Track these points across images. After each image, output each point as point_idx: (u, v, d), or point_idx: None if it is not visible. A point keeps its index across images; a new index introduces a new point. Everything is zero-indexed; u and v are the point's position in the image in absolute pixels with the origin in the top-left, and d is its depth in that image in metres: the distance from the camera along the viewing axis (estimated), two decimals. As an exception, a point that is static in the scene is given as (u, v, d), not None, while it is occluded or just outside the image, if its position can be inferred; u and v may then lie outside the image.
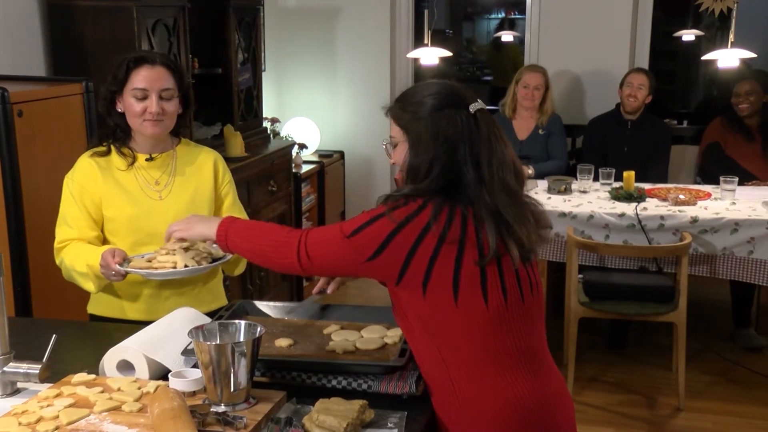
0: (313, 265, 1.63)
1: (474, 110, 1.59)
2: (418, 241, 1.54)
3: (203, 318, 1.94)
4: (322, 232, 1.64)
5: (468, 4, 8.00)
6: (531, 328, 1.62)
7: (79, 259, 2.08)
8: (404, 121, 1.63)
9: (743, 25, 4.40)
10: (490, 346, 1.56)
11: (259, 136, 4.50)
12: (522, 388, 1.57)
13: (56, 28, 3.30)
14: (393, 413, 1.55)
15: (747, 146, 4.40)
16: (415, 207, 1.55)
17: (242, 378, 1.51)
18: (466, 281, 1.54)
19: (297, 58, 5.41)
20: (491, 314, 1.56)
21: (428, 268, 1.54)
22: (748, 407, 3.49)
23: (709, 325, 4.35)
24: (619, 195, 3.88)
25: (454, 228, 1.54)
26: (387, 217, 1.55)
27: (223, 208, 2.29)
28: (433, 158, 1.57)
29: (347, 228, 1.59)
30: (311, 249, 1.62)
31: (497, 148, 1.59)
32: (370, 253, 1.56)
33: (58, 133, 2.77)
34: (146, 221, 2.16)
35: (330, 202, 5.15)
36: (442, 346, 1.57)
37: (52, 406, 1.52)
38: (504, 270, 1.57)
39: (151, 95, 2.10)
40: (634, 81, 4.44)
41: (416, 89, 1.67)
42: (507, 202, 1.57)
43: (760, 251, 3.55)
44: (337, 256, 1.61)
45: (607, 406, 3.53)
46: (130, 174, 2.18)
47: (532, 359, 1.61)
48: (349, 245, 1.58)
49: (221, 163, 2.31)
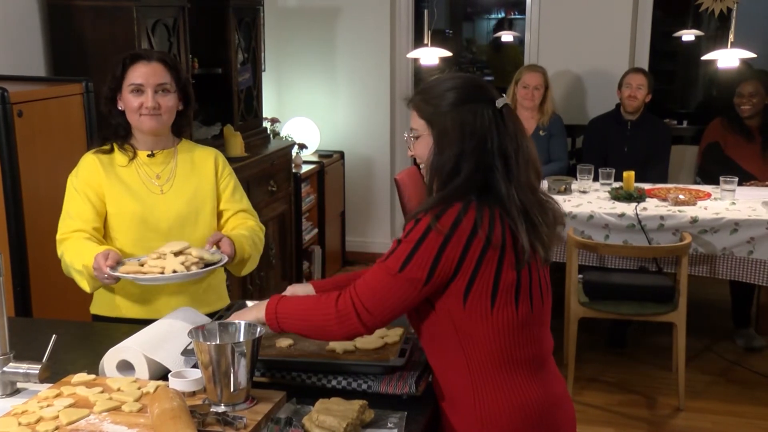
0: (376, 318, 1.54)
1: (500, 105, 1.55)
2: (466, 249, 1.48)
3: (203, 318, 1.94)
4: (370, 282, 1.55)
5: (468, 4, 8.00)
6: (543, 334, 1.61)
7: (76, 258, 2.08)
8: (427, 114, 1.58)
9: (743, 25, 4.39)
10: (512, 353, 1.55)
11: (259, 136, 4.50)
12: (531, 392, 1.57)
13: (56, 28, 3.30)
14: (393, 413, 1.55)
15: (747, 146, 4.40)
16: (456, 211, 1.49)
17: (242, 378, 1.51)
18: (504, 288, 1.51)
19: (297, 58, 5.41)
20: (519, 321, 1.53)
21: (472, 276, 1.49)
22: (748, 407, 3.49)
23: (708, 325, 4.35)
24: (619, 195, 3.88)
25: (497, 231, 1.49)
26: (434, 231, 1.48)
27: (224, 198, 2.30)
28: (460, 153, 1.52)
29: (393, 264, 1.52)
30: (368, 303, 1.54)
31: (523, 143, 1.55)
32: (425, 276, 1.49)
33: (58, 133, 2.77)
34: (149, 216, 2.17)
35: (330, 203, 5.15)
36: (471, 353, 1.55)
37: (51, 407, 1.52)
38: (532, 275, 1.54)
39: (146, 90, 2.13)
40: (632, 82, 4.44)
41: (439, 81, 1.61)
42: (533, 202, 1.53)
43: (760, 251, 3.55)
44: (395, 298, 1.52)
45: (607, 406, 3.53)
46: (132, 170, 2.20)
47: (542, 364, 1.61)
48: (403, 280, 1.51)
49: (221, 158, 2.33)
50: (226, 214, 2.30)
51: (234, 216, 2.30)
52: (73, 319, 2.38)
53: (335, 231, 5.34)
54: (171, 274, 1.93)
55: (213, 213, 2.27)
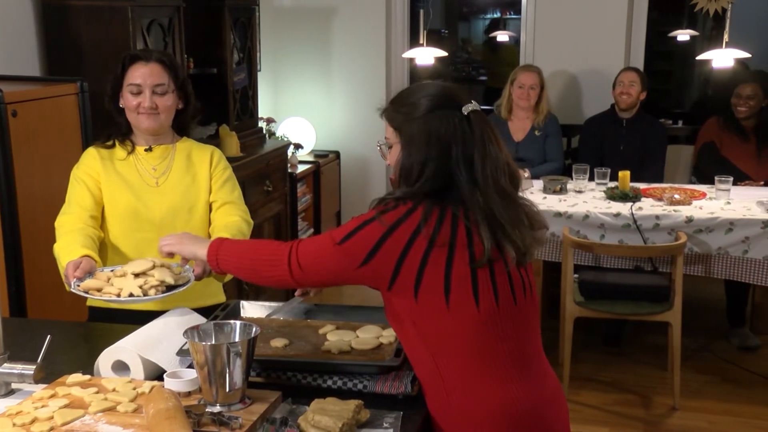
0: (305, 275, 1.61)
1: (467, 112, 1.58)
2: (408, 245, 1.52)
3: (198, 318, 1.93)
4: (313, 242, 1.62)
5: (463, 3, 8.01)
6: (524, 333, 1.61)
7: (62, 256, 2.07)
8: (398, 123, 1.63)
9: (738, 25, 4.41)
10: (482, 351, 1.55)
11: (255, 136, 4.49)
12: (513, 392, 1.56)
13: (51, 28, 3.29)
14: (388, 413, 1.55)
15: (742, 146, 4.41)
16: (405, 210, 1.54)
17: (237, 378, 1.51)
18: (457, 285, 1.53)
19: (292, 58, 5.41)
20: (483, 318, 1.54)
21: (419, 272, 1.53)
22: (744, 406, 3.50)
23: (704, 324, 4.36)
24: (615, 195, 3.89)
25: (444, 231, 1.53)
26: (377, 221, 1.54)
27: (213, 191, 2.30)
28: (426, 159, 1.56)
29: (337, 235, 1.58)
30: (302, 259, 1.60)
31: (490, 149, 1.58)
32: (362, 258, 1.54)
33: (52, 133, 2.76)
34: (143, 208, 2.21)
35: (325, 203, 5.15)
36: (435, 351, 1.56)
37: (46, 407, 1.52)
38: (496, 273, 1.56)
39: (144, 90, 2.19)
40: (624, 79, 4.48)
41: (410, 91, 1.67)
42: (501, 204, 1.56)
43: (755, 251, 3.56)
44: (329, 265, 1.59)
45: (602, 405, 3.53)
46: (130, 163, 2.25)
47: (525, 363, 1.60)
48: (341, 252, 1.56)
49: (217, 153, 2.36)
50: (213, 206, 2.31)
51: (220, 208, 2.29)
52: (68, 319, 2.38)
53: (331, 231, 5.33)
54: (126, 297, 1.87)
55: (206, 207, 2.29)
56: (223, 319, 1.84)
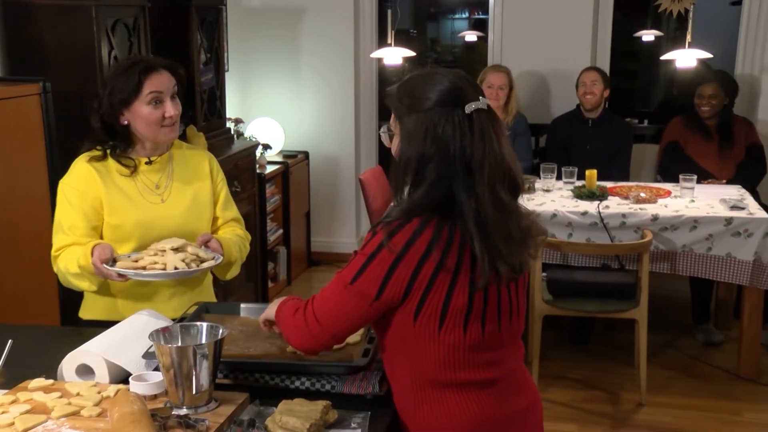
0: (324, 330, 1.53)
1: (470, 110, 1.49)
2: (417, 269, 1.46)
3: (164, 320, 1.92)
4: (326, 292, 1.55)
5: (432, 3, 8.03)
6: (502, 357, 1.58)
7: (71, 262, 2.05)
8: (399, 113, 1.55)
9: (700, 26, 4.48)
10: (458, 376, 1.52)
11: (223, 137, 4.46)
12: (481, 410, 1.54)
13: (12, 27, 3.23)
14: (356, 413, 1.55)
15: (705, 145, 4.48)
16: (412, 230, 1.46)
17: (204, 380, 1.50)
18: (453, 313, 1.49)
19: (261, 58, 5.38)
20: (467, 345, 1.51)
21: (422, 297, 1.48)
22: (708, 401, 3.56)
23: (669, 321, 4.42)
24: (582, 193, 3.93)
25: (452, 253, 1.46)
26: (386, 249, 1.46)
27: (218, 206, 2.31)
28: (423, 155, 1.48)
29: (347, 275, 1.50)
30: (318, 312, 1.53)
31: (490, 151, 1.48)
32: (375, 292, 1.48)
33: (15, 133, 2.72)
34: (151, 226, 2.13)
35: (295, 203, 5.13)
36: (417, 370, 1.54)
37: (7, 413, 1.49)
38: (489, 299, 1.52)
39: (165, 98, 2.10)
40: (586, 80, 4.54)
41: (419, 81, 1.55)
42: (497, 220, 1.47)
43: (718, 248, 3.62)
44: (344, 310, 1.51)
45: (571, 402, 3.57)
46: (129, 179, 2.15)
47: (499, 384, 1.57)
48: (353, 292, 1.49)
49: (215, 163, 2.34)
50: (217, 222, 2.31)
51: (225, 225, 2.32)
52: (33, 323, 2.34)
53: (300, 231, 5.32)
54: (173, 270, 1.94)
55: (211, 219, 2.29)
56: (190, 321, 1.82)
